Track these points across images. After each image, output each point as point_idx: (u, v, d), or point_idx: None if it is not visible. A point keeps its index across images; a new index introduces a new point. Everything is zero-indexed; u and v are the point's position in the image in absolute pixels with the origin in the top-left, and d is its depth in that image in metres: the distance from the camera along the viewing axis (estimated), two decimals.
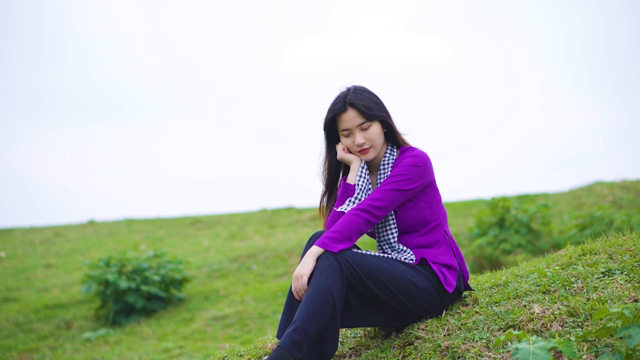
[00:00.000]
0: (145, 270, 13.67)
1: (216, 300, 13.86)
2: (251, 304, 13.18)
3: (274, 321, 12.32)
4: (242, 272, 15.44)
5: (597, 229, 12.26)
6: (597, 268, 4.35)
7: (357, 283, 4.12)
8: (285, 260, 15.63)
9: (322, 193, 4.67)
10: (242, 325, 12.38)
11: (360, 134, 4.42)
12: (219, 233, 20.34)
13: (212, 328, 12.40)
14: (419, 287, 4.22)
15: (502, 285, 4.55)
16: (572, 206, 16.74)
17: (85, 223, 23.38)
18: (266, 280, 14.67)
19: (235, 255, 16.79)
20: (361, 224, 4.22)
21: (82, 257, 18.17)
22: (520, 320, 3.93)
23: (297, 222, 20.25)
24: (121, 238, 20.60)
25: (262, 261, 15.89)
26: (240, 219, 21.74)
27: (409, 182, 4.32)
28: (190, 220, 22.36)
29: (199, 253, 17.82)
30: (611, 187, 17.53)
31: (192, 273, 15.40)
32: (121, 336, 12.60)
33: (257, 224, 20.72)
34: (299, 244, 16.50)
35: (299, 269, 4.15)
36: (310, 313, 3.97)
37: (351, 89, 4.49)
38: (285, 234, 18.79)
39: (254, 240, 18.51)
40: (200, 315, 13.08)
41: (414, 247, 4.39)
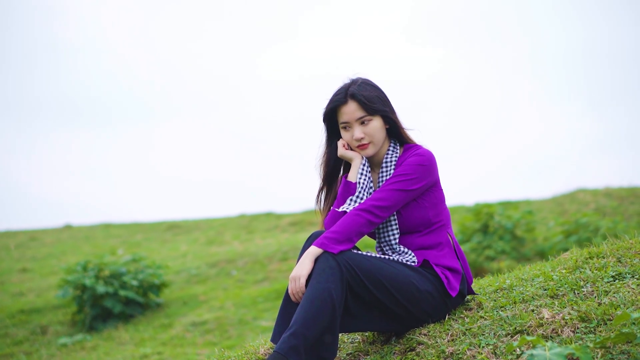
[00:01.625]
0: (123, 275, 13.44)
1: (195, 305, 13.65)
2: (231, 309, 12.98)
3: (255, 327, 12.14)
4: (222, 278, 15.23)
5: (583, 235, 12.17)
6: (606, 272, 4.19)
7: (357, 285, 3.94)
8: (265, 266, 15.43)
9: (320, 189, 4.47)
10: (222, 331, 12.18)
11: (359, 128, 4.23)
12: (196, 238, 20.12)
13: (191, 334, 12.20)
14: (421, 290, 4.03)
15: (507, 289, 4.37)
16: (555, 213, 16.66)
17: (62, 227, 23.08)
18: (246, 285, 14.47)
19: (214, 260, 16.57)
20: (363, 225, 4.03)
21: (58, 262, 17.90)
22: (529, 326, 3.76)
23: (276, 227, 20.06)
24: (98, 242, 20.34)
25: (241, 266, 15.69)
26: (219, 224, 21.52)
27: (414, 181, 4.14)
28: (168, 225, 22.12)
29: (177, 258, 17.60)
30: (594, 194, 17.48)
31: (170, 278, 15.18)
32: (98, 341, 12.38)
33: (236, 229, 20.51)
34: (279, 249, 16.32)
35: (296, 270, 3.96)
36: (308, 317, 3.78)
37: (354, 81, 4.30)
38: (264, 239, 18.59)
39: (232, 246, 18.30)
40: (179, 321, 12.87)
41: (415, 248, 4.20)
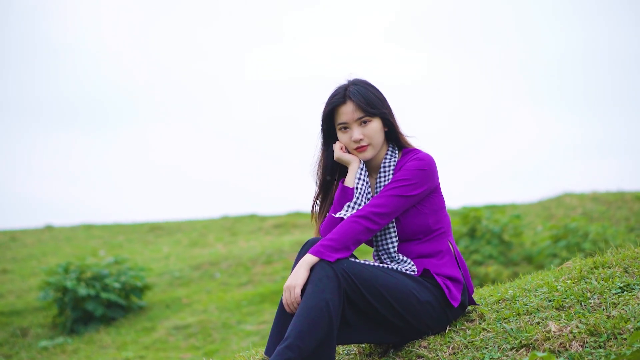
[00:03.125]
0: (105, 277, 13.25)
1: (178, 308, 13.47)
2: (215, 313, 12.81)
3: (239, 331, 11.98)
4: (205, 280, 15.04)
5: (572, 240, 12.05)
6: (613, 282, 4.02)
7: (355, 295, 3.76)
8: (249, 269, 15.26)
9: (316, 195, 4.28)
10: (206, 335, 12.02)
11: (358, 129, 4.05)
12: (179, 240, 19.91)
13: (174, 338, 12.04)
14: (421, 300, 3.86)
15: (510, 299, 4.19)
16: (542, 217, 16.55)
17: (42, 228, 22.79)
18: (230, 289, 14.30)
19: (197, 262, 16.38)
20: (360, 232, 3.85)
21: (39, 263, 17.66)
22: (535, 339, 3.59)
23: (260, 229, 19.88)
24: (79, 244, 20.10)
25: (225, 269, 15.51)
26: (201, 226, 21.31)
27: (414, 187, 3.96)
28: (150, 227, 21.89)
29: (159, 260, 17.40)
30: (581, 198, 17.39)
31: (152, 280, 14.98)
32: (79, 345, 12.21)
33: (219, 231, 20.31)
34: (263, 252, 16.14)
35: (291, 280, 3.78)
36: (304, 328, 3.60)
37: (353, 81, 4.13)
38: (248, 241, 18.41)
39: (216, 248, 18.11)
40: (162, 324, 12.69)
41: (414, 257, 4.03)
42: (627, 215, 15.80)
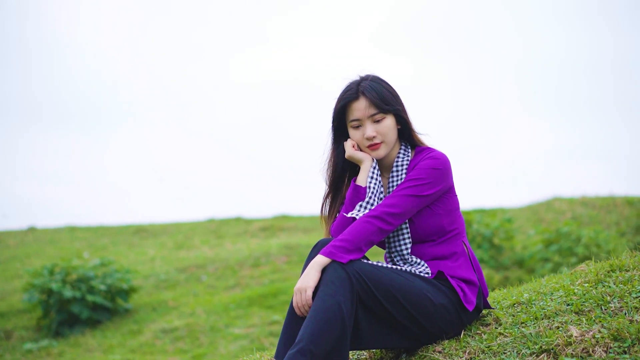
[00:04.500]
0: (91, 279, 13.07)
1: (165, 311, 13.31)
2: (202, 316, 12.66)
3: (227, 335, 11.85)
4: (192, 283, 14.88)
5: (564, 245, 11.97)
6: (633, 286, 3.89)
7: (368, 298, 3.62)
8: (236, 272, 15.11)
9: (325, 194, 4.14)
10: (193, 338, 11.88)
11: (371, 126, 3.91)
12: (164, 242, 19.73)
13: (161, 341, 11.89)
14: (435, 304, 3.72)
15: (526, 303, 4.06)
16: (532, 221, 16.50)
17: (26, 229, 22.58)
18: (217, 292, 14.14)
19: (183, 265, 16.21)
20: (373, 233, 3.71)
21: (22, 265, 17.46)
22: (556, 344, 3.46)
23: (246, 232, 19.73)
24: (63, 245, 19.89)
25: (212, 272, 15.35)
26: (187, 229, 21.14)
27: (428, 186, 3.83)
28: (135, 229, 21.70)
29: (145, 262, 17.22)
30: (570, 202, 17.34)
31: (138, 283, 14.80)
32: (64, 348, 12.06)
33: (205, 234, 20.15)
34: (250, 255, 16.00)
35: (301, 282, 3.65)
36: (316, 331, 3.46)
37: (365, 77, 3.99)
38: (234, 244, 18.26)
39: (202, 251, 17.94)
40: (148, 327, 12.54)
41: (428, 259, 3.89)
42: (618, 220, 15.76)
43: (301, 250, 15.87)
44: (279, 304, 12.81)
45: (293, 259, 15.44)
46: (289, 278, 14.21)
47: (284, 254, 15.69)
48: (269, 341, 11.34)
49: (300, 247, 16.10)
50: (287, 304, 12.70)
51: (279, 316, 12.19)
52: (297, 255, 15.62)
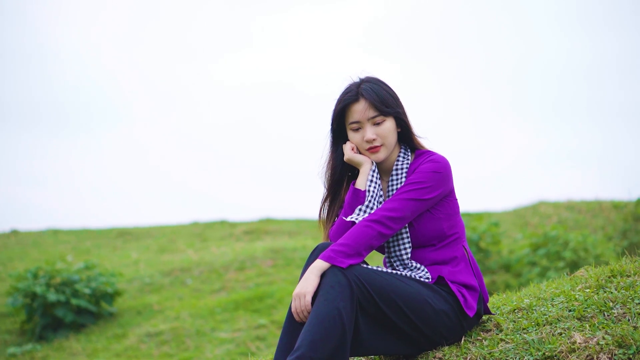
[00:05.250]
0: (75, 283, 12.96)
1: (150, 315, 13.21)
2: (187, 320, 12.57)
3: (213, 339, 11.77)
4: (176, 287, 14.78)
5: (552, 249, 11.94)
6: (635, 292, 3.84)
7: (368, 304, 3.56)
8: (222, 275, 15.01)
9: (324, 198, 4.07)
10: (179, 342, 11.79)
11: (371, 129, 3.85)
12: (148, 245, 19.61)
13: (146, 345, 11.80)
14: (436, 309, 3.67)
15: (526, 309, 4.01)
16: (518, 225, 16.50)
17: (8, 232, 22.41)
18: (202, 295, 14.04)
19: (167, 268, 16.10)
20: (373, 237, 3.65)
21: (5, 268, 17.33)
22: (559, 351, 3.41)
23: (231, 236, 19.62)
24: (46, 249, 19.75)
25: (197, 275, 15.25)
26: (171, 232, 21.01)
27: (429, 190, 3.77)
28: (118, 232, 21.56)
29: (129, 266, 17.10)
30: (556, 206, 17.35)
31: (122, 286, 14.69)
32: (48, 352, 11.96)
33: (189, 237, 20.04)
34: (235, 258, 15.90)
35: (300, 287, 3.58)
36: (316, 338, 3.40)
37: (365, 79, 3.94)
38: (219, 247, 18.16)
39: (186, 254, 17.82)
40: (133, 331, 12.44)
41: (428, 264, 3.83)
42: (604, 224, 15.77)
43: (286, 254, 15.80)
44: (265, 308, 12.74)
45: (279, 262, 15.36)
46: (275, 282, 14.13)
47: (269, 258, 15.61)
48: (256, 345, 11.28)
49: (285, 251, 16.03)
50: (273, 308, 12.65)
51: (265, 320, 12.12)
52: (282, 258, 15.55)
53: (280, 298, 12.92)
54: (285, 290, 13.22)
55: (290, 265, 15.13)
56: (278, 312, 12.36)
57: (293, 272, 14.64)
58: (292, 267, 15.00)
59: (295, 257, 15.56)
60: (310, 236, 18.32)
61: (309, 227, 19.48)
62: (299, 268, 14.90)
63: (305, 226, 19.64)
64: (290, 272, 14.70)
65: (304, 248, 16.21)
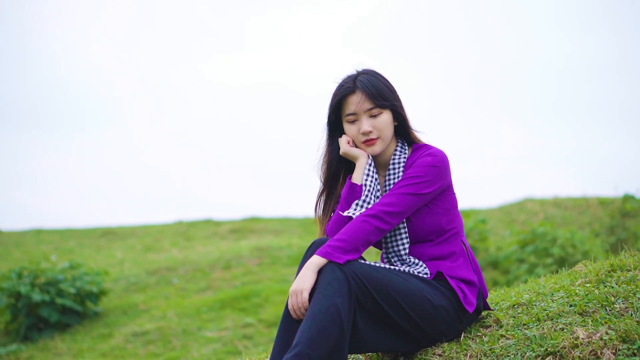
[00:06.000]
0: (60, 282, 12.85)
1: (135, 315, 13.11)
2: (174, 319, 12.48)
3: (199, 338, 11.68)
4: (162, 286, 14.68)
5: (540, 246, 11.90)
6: (637, 286, 3.78)
7: (366, 300, 3.50)
8: (208, 274, 14.92)
9: (319, 192, 4.00)
10: (165, 342, 11.70)
11: (367, 121, 3.79)
12: (133, 245, 19.51)
13: (132, 345, 11.70)
14: (435, 305, 3.60)
15: (526, 304, 3.94)
16: (504, 222, 16.48)
17: None
18: (188, 294, 13.95)
19: (153, 268, 16.01)
20: (371, 233, 3.58)
21: None
22: (562, 347, 3.34)
23: (216, 234, 19.55)
24: (29, 249, 19.62)
25: (183, 275, 15.16)
26: (155, 231, 20.92)
27: (427, 184, 3.71)
28: (102, 232, 21.45)
29: (113, 265, 17.00)
30: (542, 203, 17.35)
31: (107, 286, 14.58)
32: (33, 352, 11.85)
33: (174, 236, 19.95)
34: (221, 257, 15.82)
35: (297, 283, 3.51)
36: (314, 335, 3.33)
37: (363, 71, 3.87)
38: (204, 246, 18.07)
39: (171, 253, 17.73)
40: (119, 331, 12.34)
41: (426, 259, 3.77)
42: (591, 221, 15.77)
43: (272, 252, 15.74)
44: (251, 307, 12.66)
45: (265, 261, 15.29)
46: (261, 280, 14.06)
47: (255, 256, 15.54)
48: (243, 344, 11.21)
49: (271, 249, 15.96)
50: (260, 306, 12.58)
51: (252, 319, 12.04)
52: (268, 257, 15.48)
53: (266, 297, 12.85)
54: (272, 288, 13.15)
55: (276, 264, 15.06)
56: (265, 311, 12.29)
57: (279, 271, 14.57)
58: (278, 266, 14.93)
59: (282, 256, 15.50)
60: (296, 234, 18.26)
61: (295, 226, 19.43)
62: (285, 267, 14.84)
63: (291, 225, 19.59)
64: (277, 270, 14.63)
65: (289, 246, 16.16)
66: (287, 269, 14.74)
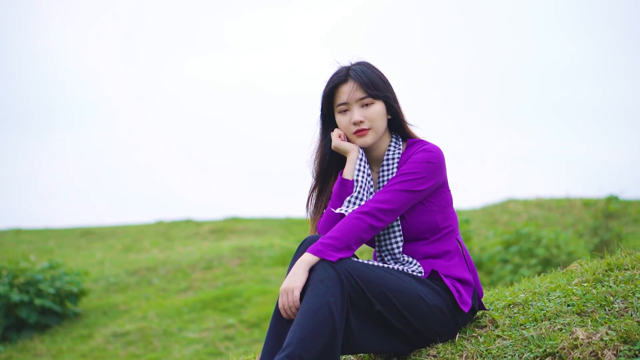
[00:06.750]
0: (39, 282, 12.71)
1: (116, 315, 12.99)
2: (154, 320, 12.36)
3: (180, 339, 11.58)
4: (143, 286, 14.56)
5: (524, 246, 11.85)
6: (636, 285, 3.69)
7: (359, 299, 3.40)
8: (189, 275, 14.81)
9: (311, 188, 3.90)
10: (146, 343, 11.59)
11: (359, 111, 3.69)
12: (112, 245, 19.37)
13: (112, 346, 11.60)
14: (430, 305, 3.50)
15: (522, 304, 3.85)
16: (487, 223, 16.45)
17: None
18: (169, 295, 13.84)
19: (133, 268, 15.88)
20: (364, 230, 3.48)
21: None
22: (561, 347, 3.25)
23: (196, 235, 19.43)
24: (8, 249, 19.44)
25: (163, 275, 15.04)
26: (135, 231, 20.77)
27: (422, 181, 3.61)
28: (82, 231, 21.29)
29: (93, 265, 16.87)
30: (525, 204, 17.34)
31: (87, 286, 14.44)
32: (12, 353, 11.74)
33: (154, 236, 19.82)
34: (202, 257, 15.71)
35: (287, 282, 3.40)
36: (306, 335, 3.23)
37: (356, 62, 3.79)
38: (185, 247, 17.95)
39: (152, 253, 17.61)
40: (99, 332, 12.22)
41: (421, 258, 3.67)
42: (574, 221, 15.77)
43: (253, 253, 15.65)
44: (233, 307, 12.56)
45: (246, 261, 15.20)
46: (243, 281, 13.96)
47: (236, 257, 15.44)
48: (224, 345, 11.11)
49: (252, 249, 15.87)
50: (241, 307, 12.48)
51: (234, 319, 11.95)
52: (249, 257, 15.38)
53: (248, 297, 12.75)
54: (253, 289, 13.06)
55: (257, 264, 14.97)
56: (246, 312, 12.19)
57: (260, 271, 14.48)
58: (259, 266, 14.84)
59: (263, 256, 15.40)
60: (278, 235, 18.18)
61: (276, 226, 19.34)
62: (266, 267, 14.76)
63: (272, 225, 19.50)
64: (258, 271, 14.54)
65: (271, 247, 16.07)
66: (269, 269, 14.65)
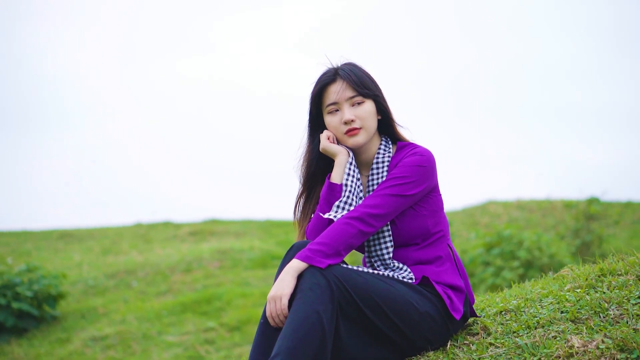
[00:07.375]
0: (16, 286, 12.55)
1: (94, 318, 12.86)
2: (134, 323, 12.25)
3: (160, 342, 11.47)
4: (122, 289, 14.42)
5: (506, 248, 11.79)
6: (630, 291, 3.62)
7: (349, 306, 3.31)
8: (168, 277, 14.69)
9: (299, 193, 3.81)
10: (125, 346, 11.48)
11: (349, 110, 3.62)
12: (91, 247, 19.20)
13: (91, 349, 11.48)
14: (421, 312, 3.42)
15: (514, 310, 3.77)
16: (467, 225, 16.42)
17: None
18: (148, 298, 13.72)
19: (111, 270, 15.73)
20: (353, 236, 3.40)
21: None
22: (556, 356, 3.17)
23: (175, 237, 19.30)
24: None
25: (142, 277, 14.91)
26: (114, 233, 20.61)
27: (412, 185, 3.53)
28: (59, 234, 21.09)
29: (71, 268, 16.70)
30: (505, 206, 17.33)
31: (65, 289, 14.28)
32: None
33: (133, 239, 19.66)
34: (182, 259, 15.59)
35: (275, 289, 3.31)
36: (295, 344, 3.14)
37: (344, 63, 3.71)
38: (164, 249, 17.82)
39: (130, 256, 17.46)
40: (78, 335, 12.09)
41: (411, 263, 3.58)
42: (555, 223, 15.77)
43: (233, 255, 15.55)
44: (213, 310, 12.46)
45: (226, 263, 15.10)
46: (223, 283, 13.87)
47: (216, 259, 15.34)
48: (204, 349, 11.01)
49: (232, 252, 15.77)
50: (221, 310, 12.39)
51: (214, 323, 11.85)
52: (229, 259, 15.29)
53: (228, 300, 12.66)
54: (233, 292, 12.97)
55: (237, 267, 14.88)
56: (227, 315, 12.10)
57: (240, 274, 14.39)
58: (239, 269, 14.75)
59: (243, 259, 15.31)
60: (257, 237, 18.09)
61: (256, 228, 19.26)
62: (246, 269, 14.67)
63: (252, 227, 19.41)
64: (238, 273, 14.45)
65: (251, 249, 15.97)
66: (249, 271, 14.56)
